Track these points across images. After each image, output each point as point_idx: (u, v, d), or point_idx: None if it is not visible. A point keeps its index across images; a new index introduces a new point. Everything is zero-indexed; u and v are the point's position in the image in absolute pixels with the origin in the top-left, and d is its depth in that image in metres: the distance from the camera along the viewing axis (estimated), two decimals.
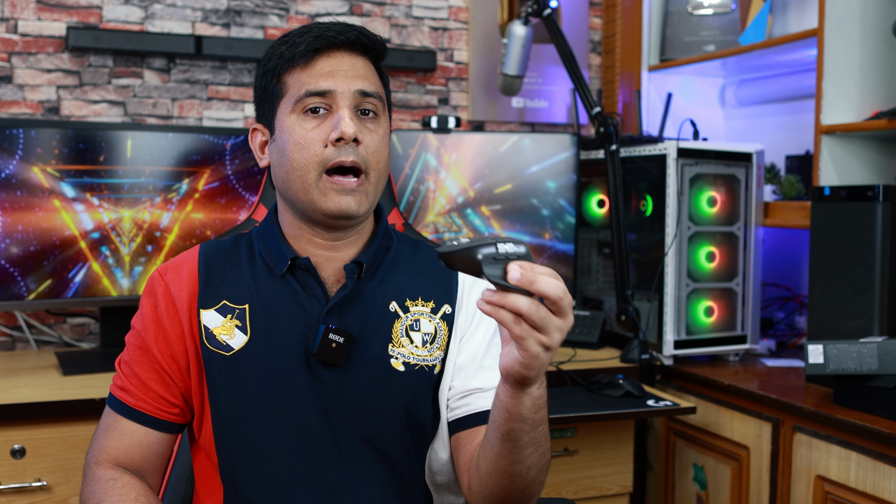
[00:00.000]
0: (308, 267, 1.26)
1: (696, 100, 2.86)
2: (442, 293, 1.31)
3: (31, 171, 2.02)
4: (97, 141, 2.09)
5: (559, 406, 1.97)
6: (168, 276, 1.29)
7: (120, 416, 1.26)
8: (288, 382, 1.23)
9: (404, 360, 1.26)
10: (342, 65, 1.24)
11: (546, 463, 1.17)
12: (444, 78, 2.76)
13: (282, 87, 1.25)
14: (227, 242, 1.33)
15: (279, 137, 1.25)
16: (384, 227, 1.33)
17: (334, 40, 1.24)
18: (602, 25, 2.95)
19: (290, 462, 1.22)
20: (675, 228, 2.27)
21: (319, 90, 1.22)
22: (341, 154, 1.21)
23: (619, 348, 2.41)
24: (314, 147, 1.21)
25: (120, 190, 2.12)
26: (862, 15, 2.15)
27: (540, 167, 2.46)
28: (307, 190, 1.22)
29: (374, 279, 1.29)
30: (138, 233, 2.14)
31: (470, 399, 1.26)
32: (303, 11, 2.59)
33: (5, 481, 1.76)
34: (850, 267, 1.98)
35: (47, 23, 2.35)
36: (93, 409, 1.80)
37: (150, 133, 2.15)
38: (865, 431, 1.72)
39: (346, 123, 1.20)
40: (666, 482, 2.29)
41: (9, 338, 2.34)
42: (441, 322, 1.29)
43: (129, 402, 1.26)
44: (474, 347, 1.29)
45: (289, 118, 1.23)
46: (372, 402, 1.24)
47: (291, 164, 1.23)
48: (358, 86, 1.23)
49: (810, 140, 2.42)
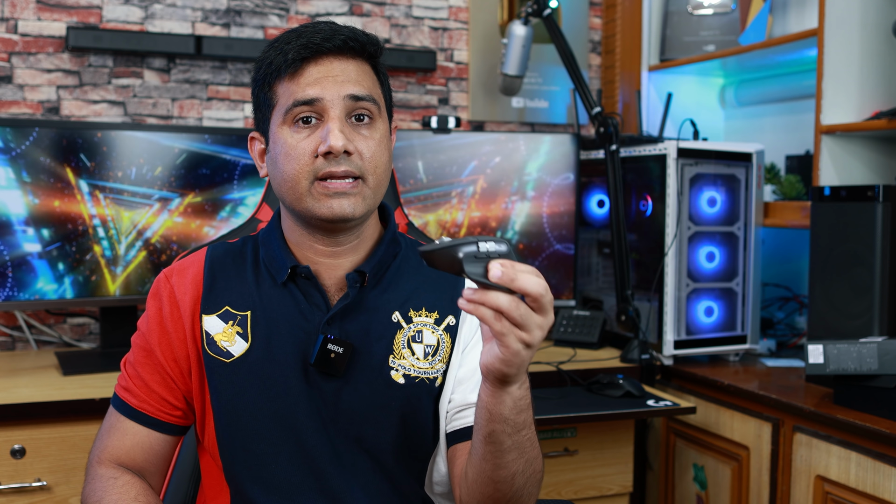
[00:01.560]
0: (308, 275, 1.24)
1: (696, 100, 2.85)
2: (447, 304, 1.29)
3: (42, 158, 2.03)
4: (98, 140, 2.09)
5: (559, 406, 1.97)
6: (173, 279, 1.28)
7: (123, 417, 1.26)
8: (286, 391, 1.22)
9: (405, 371, 1.25)
10: (331, 70, 1.20)
11: (534, 474, 1.15)
12: (444, 78, 2.76)
13: (273, 97, 1.22)
14: (235, 246, 1.32)
15: (272, 148, 1.23)
16: (391, 234, 1.31)
17: (321, 47, 1.20)
18: (602, 25, 2.95)
19: (289, 470, 1.22)
20: (675, 228, 2.27)
21: (307, 99, 1.18)
22: (331, 165, 1.18)
23: (619, 348, 2.41)
24: (304, 158, 1.19)
25: (121, 191, 2.12)
26: (862, 15, 2.15)
27: (540, 167, 2.46)
28: (301, 199, 1.20)
29: (378, 288, 1.27)
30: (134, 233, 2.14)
31: (467, 412, 1.25)
32: (303, 11, 2.59)
33: (5, 481, 1.76)
34: (850, 267, 1.98)
35: (47, 23, 2.35)
36: (93, 409, 1.80)
37: (159, 135, 2.14)
38: (865, 431, 1.72)
39: (335, 136, 1.16)
40: (666, 482, 2.29)
41: (9, 338, 2.34)
42: (444, 334, 1.28)
43: (133, 402, 1.26)
44: (475, 361, 1.27)
45: (281, 129, 1.21)
46: (370, 414, 1.23)
47: (283, 176, 1.21)
48: (348, 90, 1.19)
49: (810, 140, 2.42)
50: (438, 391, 1.27)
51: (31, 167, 2.03)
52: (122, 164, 2.12)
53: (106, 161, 2.10)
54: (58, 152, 2.05)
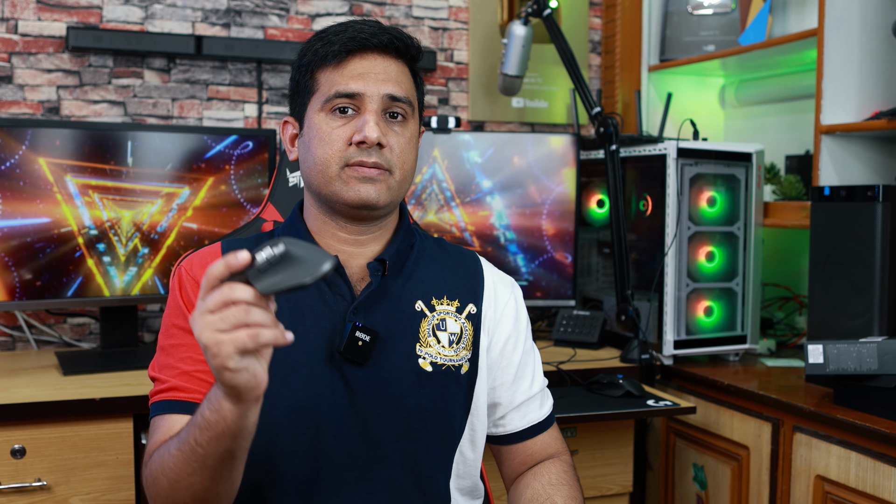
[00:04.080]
0: (337, 265, 1.25)
1: (696, 100, 2.86)
2: (467, 292, 1.32)
3: (37, 162, 2.03)
4: (99, 140, 2.09)
5: (559, 406, 1.95)
6: (194, 269, 1.27)
7: (170, 415, 1.20)
8: (310, 380, 1.22)
9: (432, 360, 1.26)
10: (374, 67, 1.24)
11: None
12: (444, 78, 2.76)
13: (314, 84, 1.26)
14: (250, 240, 1.33)
15: (307, 133, 1.27)
16: (406, 225, 1.33)
17: (367, 42, 1.24)
18: (602, 25, 2.95)
19: (303, 462, 1.21)
20: (675, 228, 2.27)
21: (349, 92, 1.23)
22: (362, 155, 1.22)
23: (619, 348, 2.41)
24: (337, 144, 1.23)
25: (122, 190, 2.12)
26: (862, 15, 2.15)
27: (540, 167, 2.46)
28: (329, 182, 1.23)
29: (400, 277, 1.29)
30: (136, 234, 2.14)
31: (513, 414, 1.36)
32: (303, 11, 2.59)
33: (5, 481, 1.76)
34: (850, 267, 1.98)
35: (47, 23, 2.35)
36: (93, 409, 1.80)
37: (156, 134, 2.15)
38: (865, 431, 1.72)
39: (371, 128, 1.21)
40: (666, 482, 2.29)
41: (9, 338, 2.34)
42: (466, 322, 1.30)
43: (181, 397, 1.21)
44: (517, 356, 1.35)
45: (318, 116, 1.25)
46: (399, 402, 1.23)
47: (314, 159, 1.24)
48: (388, 90, 1.24)
49: (810, 140, 2.43)
50: (465, 379, 1.29)
51: (31, 167, 2.03)
52: (122, 164, 2.12)
53: (106, 161, 2.10)
54: (57, 152, 2.05)
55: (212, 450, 1.04)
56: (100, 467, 1.81)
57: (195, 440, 1.05)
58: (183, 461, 1.07)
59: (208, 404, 1.02)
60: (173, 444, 1.10)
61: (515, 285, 1.41)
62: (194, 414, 1.07)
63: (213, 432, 1.02)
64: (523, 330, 1.38)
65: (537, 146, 2.46)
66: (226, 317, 0.93)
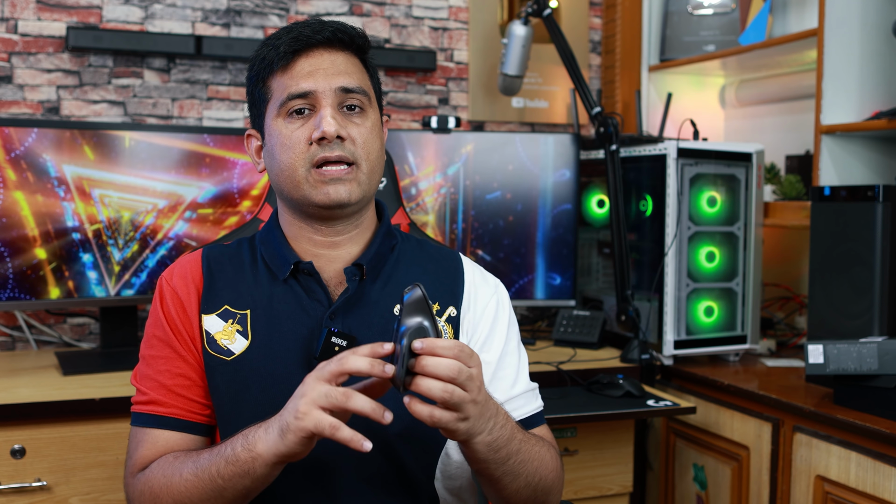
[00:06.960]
0: (311, 271, 1.25)
1: (696, 100, 2.86)
2: (447, 295, 1.30)
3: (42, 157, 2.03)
4: (99, 140, 2.09)
5: (559, 406, 1.97)
6: (174, 280, 1.29)
7: (151, 429, 1.23)
8: (289, 387, 1.21)
9: None
10: (322, 63, 1.24)
11: (541, 481, 1.22)
12: (444, 78, 2.76)
13: (267, 92, 1.26)
14: (231, 247, 1.33)
15: (268, 141, 1.27)
16: (386, 227, 1.32)
17: (311, 40, 1.24)
18: (602, 25, 2.95)
19: (290, 467, 1.22)
20: (675, 228, 2.27)
21: (301, 91, 1.22)
22: (325, 151, 1.22)
23: (619, 348, 2.41)
24: (299, 146, 1.22)
25: (122, 190, 2.12)
26: (862, 15, 2.15)
27: (540, 167, 2.46)
28: (298, 186, 1.23)
29: (378, 281, 1.28)
30: (135, 233, 2.14)
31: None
32: (303, 11, 2.59)
33: (5, 481, 1.76)
34: (850, 267, 1.98)
35: (47, 23, 2.35)
36: (93, 409, 1.80)
37: (156, 134, 2.15)
38: (865, 431, 1.72)
39: (328, 122, 1.20)
40: (666, 482, 2.29)
41: (9, 338, 2.34)
42: (446, 325, 1.28)
43: (160, 412, 1.23)
44: (494, 356, 1.32)
45: (276, 122, 1.24)
46: None
47: (280, 166, 1.24)
48: (339, 83, 1.23)
49: (810, 140, 2.43)
50: None
51: (31, 167, 2.03)
52: (122, 165, 2.11)
53: (106, 161, 2.10)
54: (57, 152, 2.05)
55: (231, 485, 1.09)
56: (99, 467, 1.81)
57: (217, 471, 1.09)
58: (198, 487, 1.11)
59: (243, 440, 1.08)
60: (188, 467, 1.13)
61: (500, 286, 1.38)
62: (221, 444, 1.11)
63: (239, 469, 1.07)
64: (502, 331, 1.34)
65: (537, 146, 2.46)
66: (330, 394, 1.04)
